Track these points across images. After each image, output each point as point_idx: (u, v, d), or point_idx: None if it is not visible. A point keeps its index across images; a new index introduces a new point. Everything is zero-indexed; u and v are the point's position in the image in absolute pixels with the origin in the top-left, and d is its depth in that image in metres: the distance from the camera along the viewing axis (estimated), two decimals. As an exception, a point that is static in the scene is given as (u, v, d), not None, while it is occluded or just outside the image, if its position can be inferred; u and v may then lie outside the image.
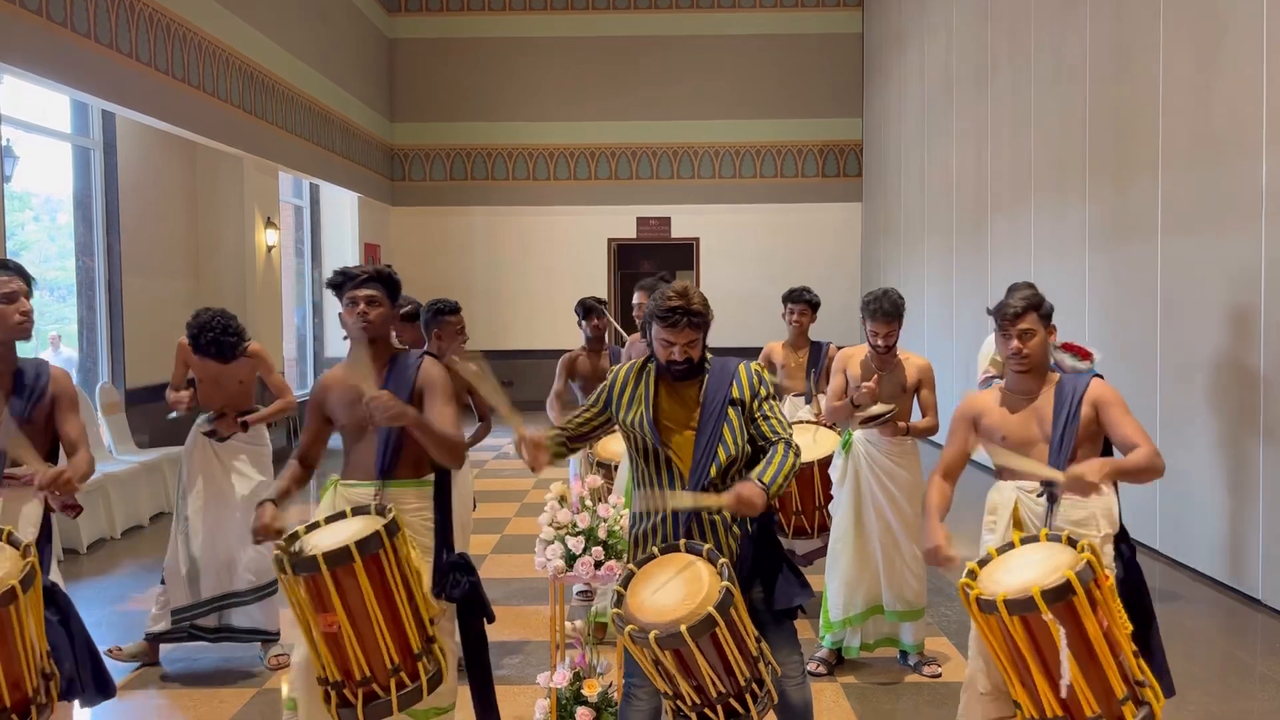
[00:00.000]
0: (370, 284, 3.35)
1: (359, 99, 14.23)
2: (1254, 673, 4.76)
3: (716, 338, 3.17)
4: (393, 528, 2.93)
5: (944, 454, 3.39)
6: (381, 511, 3.05)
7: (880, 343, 4.59)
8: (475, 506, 6.03)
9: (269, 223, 10.86)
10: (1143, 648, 2.94)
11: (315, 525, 3.05)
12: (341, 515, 3.08)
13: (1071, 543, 2.82)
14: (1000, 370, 4.03)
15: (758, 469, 2.94)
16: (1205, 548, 6.20)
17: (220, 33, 9.59)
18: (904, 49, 13.35)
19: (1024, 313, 3.22)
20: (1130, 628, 2.84)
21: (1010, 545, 2.93)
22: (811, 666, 4.59)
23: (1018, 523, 3.17)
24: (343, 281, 3.36)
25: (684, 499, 2.93)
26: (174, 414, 5.01)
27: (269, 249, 10.80)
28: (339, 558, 2.80)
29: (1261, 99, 5.57)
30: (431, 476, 3.31)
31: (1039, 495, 3.15)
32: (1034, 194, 8.84)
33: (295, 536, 2.99)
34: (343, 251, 13.73)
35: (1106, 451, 3.37)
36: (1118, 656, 2.71)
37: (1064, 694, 2.62)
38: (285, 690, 3.22)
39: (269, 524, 3.12)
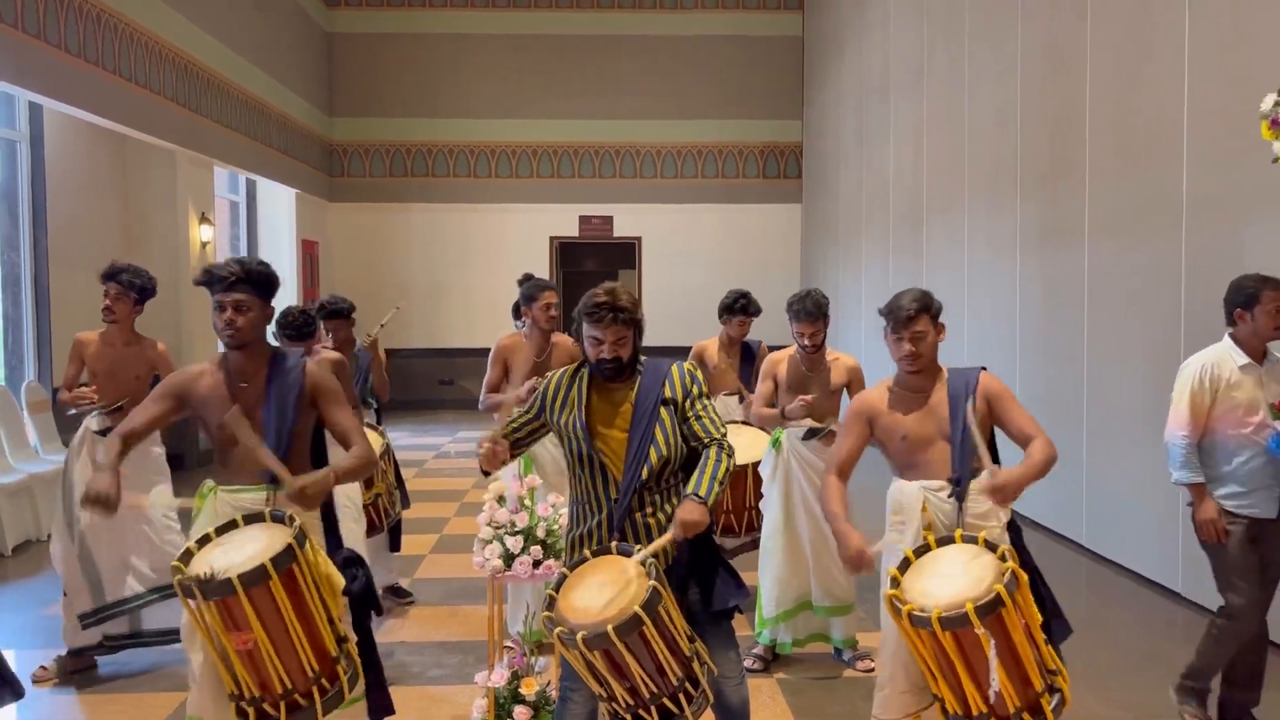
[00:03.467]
0: (239, 287, 3.07)
1: (297, 93, 14.02)
2: (1174, 664, 4.91)
3: (657, 336, 3.19)
4: (301, 537, 2.86)
5: (837, 452, 3.34)
6: (281, 519, 2.93)
7: (807, 342, 4.65)
8: (408, 504, 6.00)
9: (203, 218, 10.67)
10: (1049, 631, 3.00)
11: (206, 539, 2.90)
12: (232, 525, 2.94)
13: (989, 545, 2.89)
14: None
15: (691, 483, 2.95)
16: (1129, 543, 6.38)
17: (152, 24, 9.39)
18: (842, 52, 13.52)
19: (917, 315, 3.25)
20: (1040, 618, 2.93)
21: (926, 547, 2.97)
22: (748, 663, 4.64)
23: (928, 523, 3.18)
24: (209, 282, 3.09)
25: (648, 551, 2.88)
26: (74, 411, 4.80)
27: (203, 245, 10.61)
28: (254, 577, 2.70)
29: (1183, 109, 5.74)
30: None
31: (949, 495, 3.18)
32: (968, 195, 9.01)
33: (189, 554, 2.84)
34: (280, 248, 13.53)
35: (993, 443, 3.37)
36: (1036, 651, 2.80)
37: (992, 699, 2.71)
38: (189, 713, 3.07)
39: (102, 491, 2.88)
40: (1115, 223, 6.55)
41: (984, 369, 3.34)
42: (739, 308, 5.79)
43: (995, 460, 3.33)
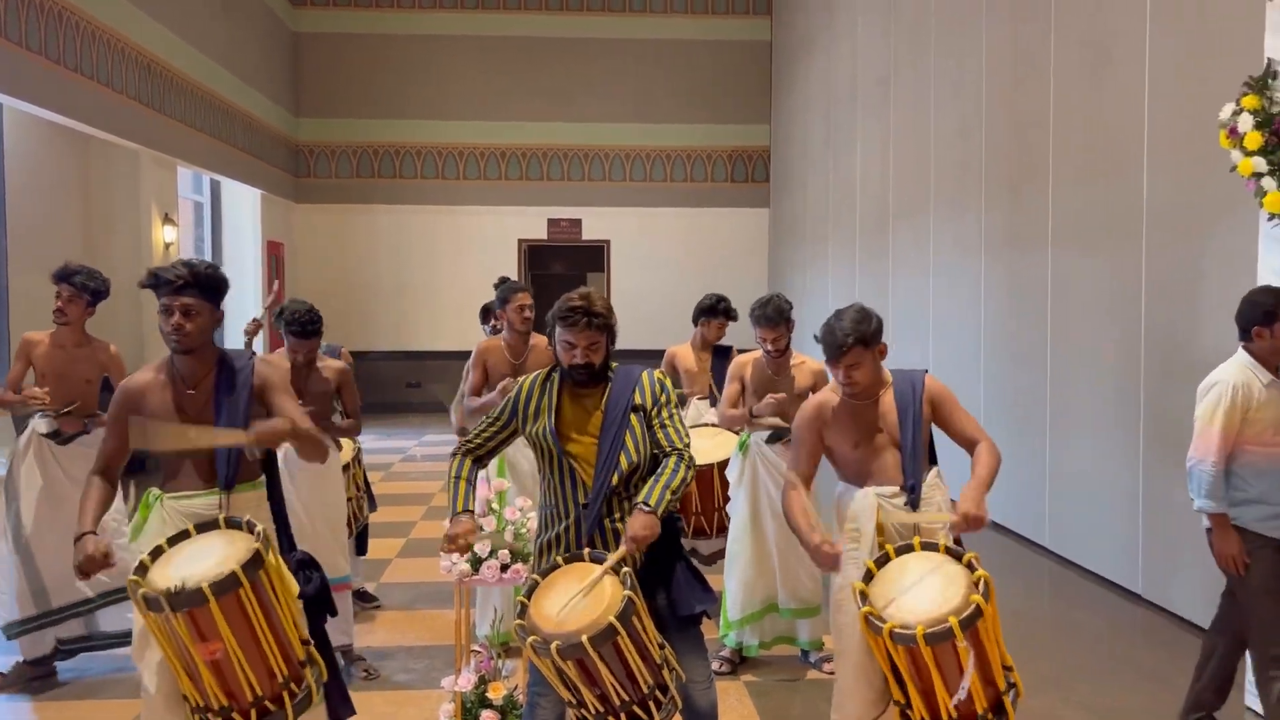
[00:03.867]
0: (187, 290, 2.98)
1: (263, 93, 13.90)
2: (1138, 666, 4.98)
3: (625, 339, 3.20)
4: (266, 544, 2.83)
5: (796, 465, 3.32)
6: (238, 525, 2.89)
7: (770, 347, 4.69)
8: (375, 507, 5.96)
9: (167, 219, 10.54)
10: None
11: (159, 550, 2.84)
12: (185, 535, 2.88)
13: (950, 553, 2.90)
14: None
15: (643, 492, 2.97)
16: (1091, 545, 6.46)
17: (115, 22, 9.27)
18: (811, 57, 13.60)
19: (850, 349, 3.15)
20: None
21: (886, 557, 2.97)
22: (715, 666, 4.65)
23: (881, 530, 3.16)
24: (155, 285, 2.99)
25: (607, 565, 2.87)
26: (23, 413, 4.69)
27: (166, 246, 10.48)
28: (225, 585, 2.67)
29: (1144, 120, 5.83)
30: (263, 477, 3.21)
31: (904, 502, 3.18)
32: (934, 201, 9.10)
33: (144, 568, 2.78)
34: (244, 249, 13.40)
35: (931, 445, 3.36)
36: (1001, 653, 2.84)
37: (959, 704, 2.73)
38: None
39: (96, 555, 2.87)
40: (1078, 230, 6.63)
41: (927, 372, 3.34)
42: (721, 309, 5.82)
43: (933, 461, 3.36)
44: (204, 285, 3.01)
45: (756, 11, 16.15)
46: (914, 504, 3.17)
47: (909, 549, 2.97)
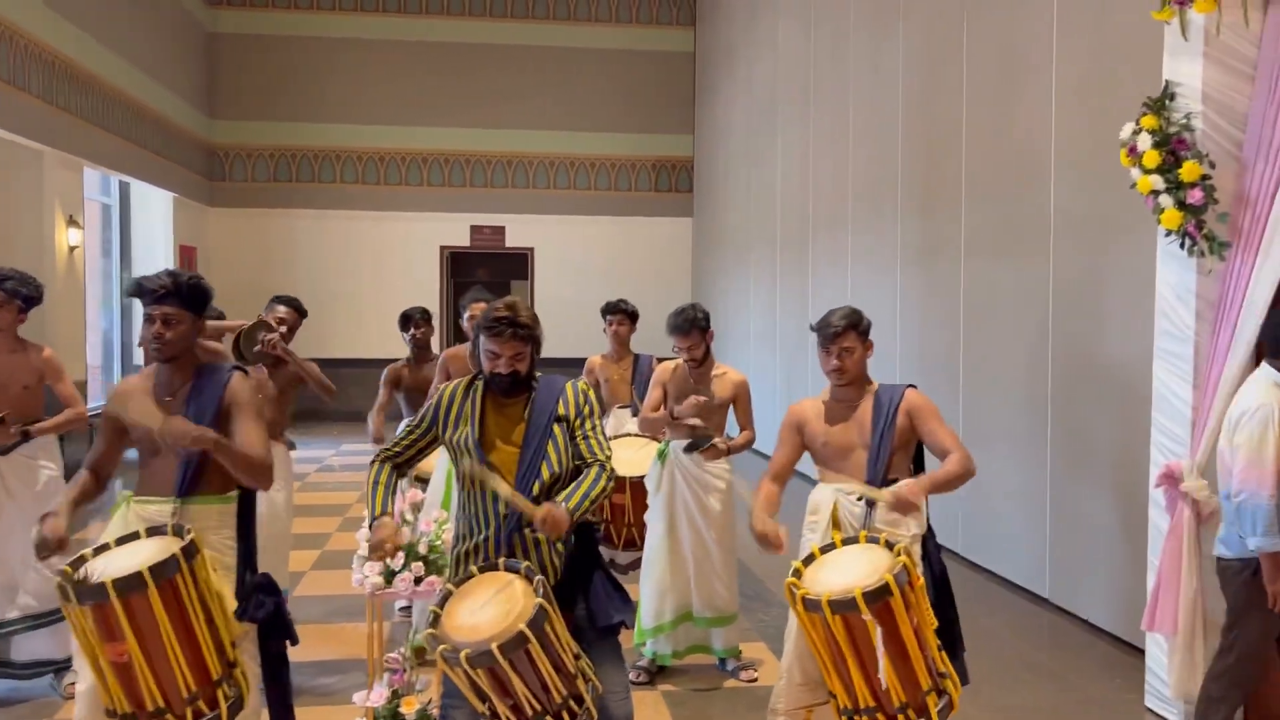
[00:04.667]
0: (168, 300, 3.07)
1: (176, 94, 13.55)
2: (1043, 668, 5.11)
3: (548, 348, 3.19)
4: (191, 550, 2.79)
5: (773, 460, 3.57)
6: (179, 532, 2.89)
7: (685, 356, 4.74)
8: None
9: (71, 221, 10.20)
10: (947, 640, 3.15)
11: (104, 548, 2.86)
12: (134, 536, 2.90)
13: (889, 545, 3.01)
14: None
15: (564, 492, 2.98)
16: (1001, 552, 6.62)
17: (18, 17, 8.96)
18: (733, 68, 13.74)
19: (844, 331, 3.44)
20: (936, 623, 3.04)
21: (832, 545, 3.11)
22: (633, 676, 4.65)
23: (836, 523, 3.36)
24: (139, 294, 3.10)
25: (504, 489, 2.92)
26: None
27: (71, 249, 10.14)
28: (130, 584, 2.64)
29: (1051, 136, 6.01)
30: (235, 494, 3.18)
31: (858, 499, 3.34)
32: (851, 211, 9.25)
33: (82, 560, 2.79)
34: (155, 253, 13.03)
35: (919, 457, 3.56)
36: (925, 651, 2.90)
37: (879, 687, 2.79)
38: None
39: (51, 536, 2.91)
40: (988, 242, 6.80)
41: (912, 386, 3.54)
42: (612, 306, 5.99)
43: (921, 471, 3.52)
44: (185, 295, 3.08)
45: (680, 22, 16.26)
46: (870, 503, 3.33)
47: (854, 541, 3.11)
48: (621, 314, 5.97)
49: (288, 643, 3.22)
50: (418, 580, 3.88)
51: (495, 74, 15.73)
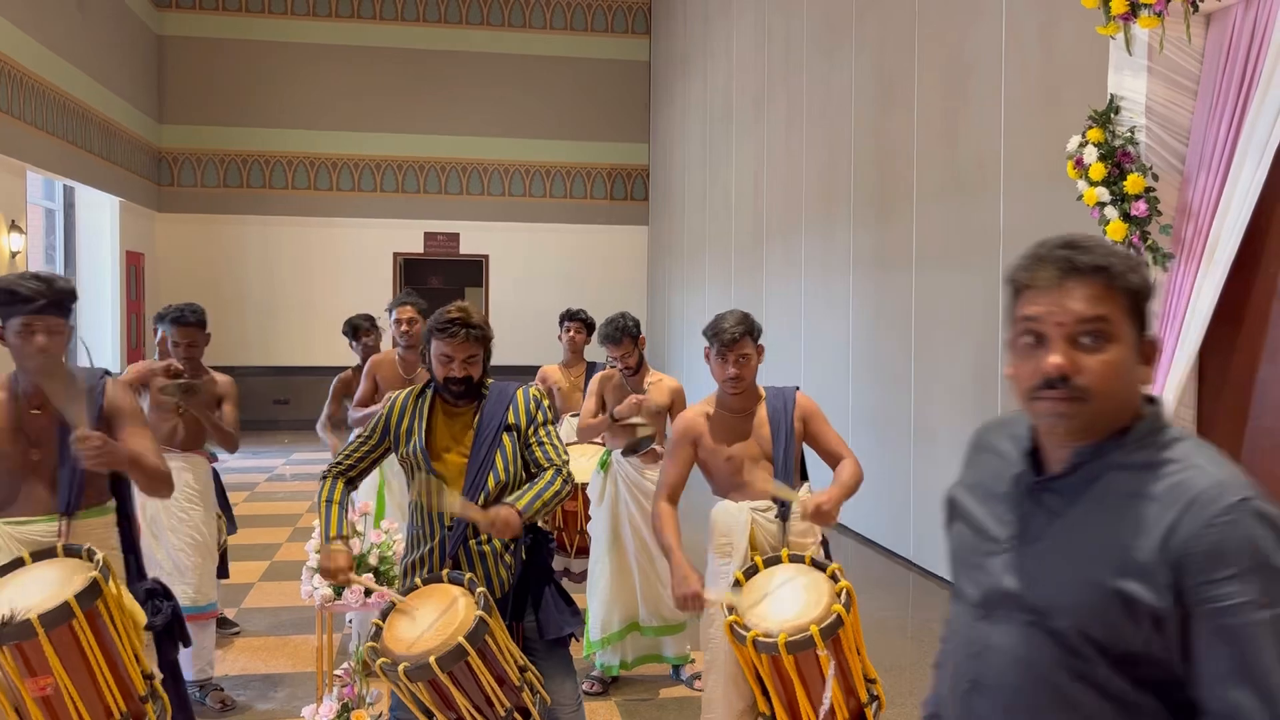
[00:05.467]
0: (50, 310, 2.84)
1: (122, 97, 13.31)
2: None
3: (502, 356, 3.17)
4: (106, 571, 2.67)
5: (666, 477, 3.38)
6: (79, 553, 2.73)
7: (618, 364, 4.75)
8: (234, 529, 5.72)
9: (14, 226, 9.97)
10: None
11: None
12: (19, 563, 2.70)
13: (816, 564, 2.97)
14: None
15: (516, 494, 2.94)
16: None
17: (-42, 17, 8.76)
18: (689, 76, 13.79)
19: (742, 338, 3.31)
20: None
21: (754, 568, 3.02)
22: (586, 687, 4.62)
23: (754, 544, 3.24)
24: (11, 302, 2.82)
25: (454, 502, 2.87)
26: None
27: (13, 255, 9.91)
28: (57, 617, 2.51)
29: (1000, 147, 6.10)
30: (113, 502, 3.06)
31: (774, 515, 3.25)
32: (804, 219, 9.31)
33: None
34: (101, 259, 12.78)
35: (803, 461, 3.48)
36: (863, 663, 2.90)
37: (823, 716, 2.77)
38: None
39: None
40: (939, 250, 6.88)
41: (798, 388, 3.44)
42: (572, 314, 5.97)
43: (804, 476, 3.46)
44: (63, 303, 2.88)
45: (635, 31, 16.30)
46: (784, 517, 3.24)
47: (777, 560, 3.02)
48: (579, 322, 5.98)
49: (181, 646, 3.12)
50: (368, 592, 3.83)
51: (450, 80, 15.65)
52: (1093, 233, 4.41)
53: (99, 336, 12.49)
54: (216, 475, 5.50)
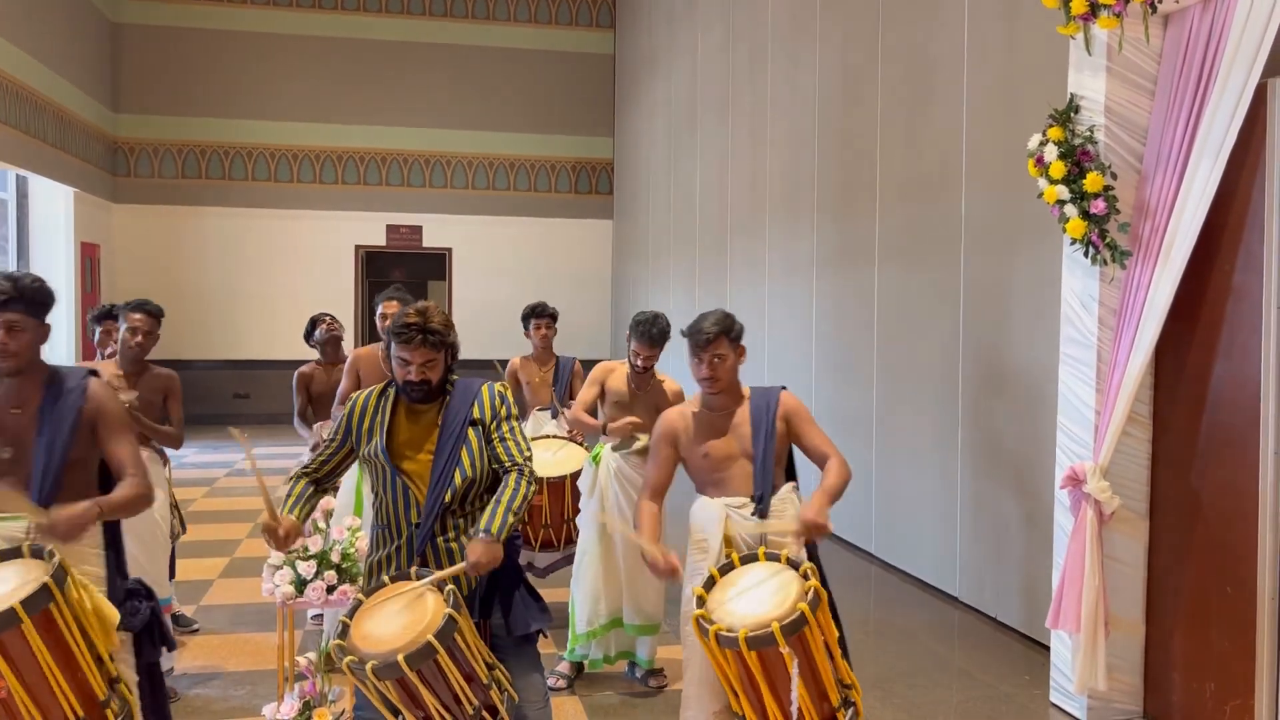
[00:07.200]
0: (12, 306, 2.80)
1: (76, 86, 13.06)
2: (953, 665, 5.22)
3: (465, 349, 3.14)
4: (61, 574, 2.59)
5: (648, 477, 3.42)
6: (39, 554, 2.66)
7: (640, 364, 4.71)
8: (185, 529, 5.65)
9: (-35, 217, 9.77)
10: (844, 646, 3.14)
11: None
12: None
13: (791, 564, 2.98)
14: None
15: (484, 517, 2.89)
16: (913, 551, 6.75)
17: (-94, 2, 8.55)
18: (654, 72, 13.78)
19: (717, 338, 3.32)
20: (837, 633, 3.04)
21: (730, 565, 3.03)
22: (552, 681, 4.62)
23: (729, 541, 3.25)
24: None
25: (439, 576, 2.82)
26: None
27: (-36, 246, 9.72)
28: (3, 623, 2.45)
29: (961, 145, 6.15)
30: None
31: (751, 513, 3.27)
32: (769, 216, 9.34)
33: None
34: (55, 250, 12.55)
35: (790, 461, 3.51)
36: (834, 665, 2.91)
37: (794, 715, 2.78)
38: None
39: None
40: (902, 248, 6.93)
41: (784, 388, 3.45)
42: (538, 310, 6.00)
43: (792, 477, 3.47)
44: (30, 300, 2.83)
45: (600, 24, 16.26)
46: (762, 514, 3.26)
47: (753, 558, 3.04)
48: (548, 318, 6.00)
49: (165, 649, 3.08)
50: (330, 589, 3.80)
51: (413, 72, 15.52)
52: (1053, 229, 4.46)
53: (54, 330, 12.25)
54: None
